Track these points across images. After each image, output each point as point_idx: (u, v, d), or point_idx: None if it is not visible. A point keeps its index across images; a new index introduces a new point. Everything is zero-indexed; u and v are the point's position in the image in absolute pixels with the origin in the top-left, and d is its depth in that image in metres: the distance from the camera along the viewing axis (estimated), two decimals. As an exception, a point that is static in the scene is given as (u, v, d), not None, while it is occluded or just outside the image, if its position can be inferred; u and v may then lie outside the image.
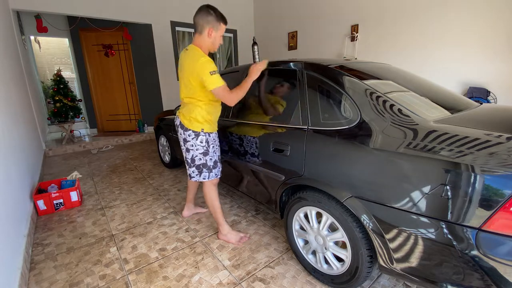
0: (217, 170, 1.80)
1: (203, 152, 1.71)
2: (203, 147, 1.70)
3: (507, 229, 0.81)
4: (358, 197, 1.14)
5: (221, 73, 2.38)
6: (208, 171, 1.75)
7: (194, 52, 1.59)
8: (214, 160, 1.76)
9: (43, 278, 1.53)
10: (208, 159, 1.73)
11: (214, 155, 1.76)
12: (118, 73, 5.34)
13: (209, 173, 1.75)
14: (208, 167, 1.74)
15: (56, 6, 3.97)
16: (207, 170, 1.74)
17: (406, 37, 3.68)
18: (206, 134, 1.70)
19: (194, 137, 1.68)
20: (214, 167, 1.77)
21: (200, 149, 1.70)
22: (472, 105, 1.51)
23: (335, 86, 1.36)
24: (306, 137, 1.39)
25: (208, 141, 1.71)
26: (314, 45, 5.00)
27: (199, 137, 1.68)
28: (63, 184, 2.57)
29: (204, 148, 1.70)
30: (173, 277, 1.51)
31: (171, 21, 5.14)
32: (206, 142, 1.70)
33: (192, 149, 1.71)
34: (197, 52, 1.57)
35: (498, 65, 2.97)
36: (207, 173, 1.75)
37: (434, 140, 0.99)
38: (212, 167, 1.75)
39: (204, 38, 1.61)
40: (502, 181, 0.82)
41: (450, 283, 0.95)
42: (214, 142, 1.76)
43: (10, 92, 2.50)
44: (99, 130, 5.54)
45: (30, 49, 5.48)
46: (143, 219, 2.16)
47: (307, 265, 1.50)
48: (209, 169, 1.75)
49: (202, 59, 1.52)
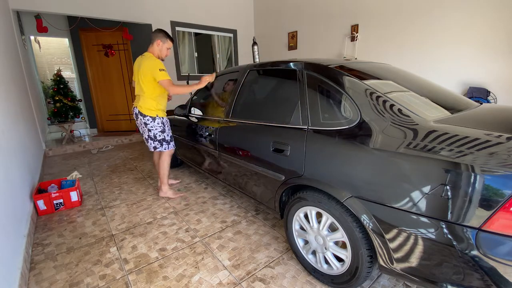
0: (172, 143, 2.47)
1: (161, 130, 2.35)
2: (160, 126, 2.34)
3: (507, 229, 0.81)
4: (358, 197, 1.14)
5: (221, 73, 2.38)
6: (166, 144, 2.40)
7: (148, 56, 2.22)
8: (170, 136, 2.43)
9: (43, 278, 1.53)
10: (166, 135, 2.39)
11: (169, 132, 2.42)
12: (118, 73, 5.33)
13: (167, 145, 2.41)
14: (166, 141, 2.40)
15: (56, 6, 3.97)
16: (166, 143, 2.40)
17: (406, 37, 3.68)
18: (161, 118, 2.34)
19: (152, 120, 2.30)
20: (170, 141, 2.43)
21: (158, 128, 2.33)
22: (472, 105, 1.51)
23: (335, 86, 1.36)
24: (306, 137, 1.39)
25: (163, 122, 2.36)
26: (314, 45, 5.01)
27: (155, 120, 2.31)
28: (63, 184, 2.57)
29: (161, 127, 2.35)
30: (173, 277, 1.51)
31: (171, 21, 5.14)
32: (162, 123, 2.35)
33: (153, 129, 2.32)
34: (150, 56, 2.23)
35: (498, 65, 2.97)
36: (166, 145, 2.40)
37: (434, 140, 0.99)
38: (169, 141, 2.42)
39: (154, 47, 2.27)
40: (502, 181, 0.82)
41: (450, 283, 0.95)
42: (167, 123, 2.41)
43: (10, 92, 2.50)
44: (99, 130, 5.54)
45: (30, 49, 5.48)
46: (143, 219, 2.16)
47: (307, 265, 1.50)
48: (167, 142, 2.41)
49: (154, 62, 2.17)
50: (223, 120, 2.11)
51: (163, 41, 2.26)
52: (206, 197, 2.53)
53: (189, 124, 2.64)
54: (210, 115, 2.37)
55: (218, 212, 2.25)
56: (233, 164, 1.99)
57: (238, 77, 2.08)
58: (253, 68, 1.98)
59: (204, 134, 2.33)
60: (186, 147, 2.73)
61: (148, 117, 2.28)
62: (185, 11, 5.22)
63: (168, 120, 2.44)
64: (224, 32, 6.01)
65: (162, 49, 2.28)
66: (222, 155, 2.10)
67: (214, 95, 2.45)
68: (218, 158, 2.16)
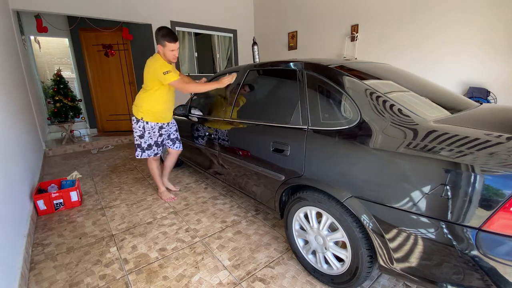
0: (150, 152, 2.29)
1: (139, 134, 2.22)
2: (140, 130, 2.20)
3: (507, 229, 0.81)
4: (358, 197, 1.14)
5: (221, 73, 2.38)
6: (141, 150, 2.26)
7: (155, 57, 2.07)
8: (148, 144, 2.26)
9: (43, 278, 1.53)
10: (142, 142, 2.24)
11: (148, 139, 2.24)
12: (118, 73, 5.33)
13: (141, 152, 2.27)
14: (141, 148, 2.26)
15: (56, 6, 3.97)
16: (140, 149, 2.26)
17: (406, 37, 3.67)
18: (144, 122, 2.18)
19: (135, 122, 2.19)
20: (147, 149, 2.27)
21: (138, 131, 2.21)
22: (472, 105, 1.51)
23: (335, 86, 1.36)
24: (306, 137, 1.39)
25: (144, 127, 2.19)
26: (314, 45, 5.00)
27: (138, 123, 2.19)
28: (63, 184, 2.57)
29: (140, 131, 2.21)
30: (173, 277, 1.51)
31: (171, 21, 5.13)
32: (142, 128, 2.20)
33: (134, 131, 2.23)
34: (155, 56, 2.07)
35: (498, 65, 2.97)
36: (140, 152, 2.27)
37: (434, 140, 0.99)
38: (145, 149, 2.26)
39: (159, 50, 2.09)
40: (502, 181, 0.82)
41: (450, 283, 0.95)
42: (151, 130, 2.22)
43: (10, 92, 2.50)
44: (99, 130, 5.54)
45: (30, 49, 5.48)
46: (143, 219, 2.16)
47: (307, 265, 1.50)
48: (142, 149, 2.26)
49: (156, 64, 2.02)
50: (223, 120, 2.10)
51: (163, 44, 2.02)
52: (206, 197, 2.53)
53: (189, 124, 2.64)
54: (210, 115, 2.37)
55: (218, 212, 2.25)
56: (233, 164, 1.99)
57: (238, 77, 2.08)
58: (253, 68, 1.98)
59: (204, 134, 2.33)
60: (186, 147, 2.73)
61: (133, 117, 2.20)
62: (185, 11, 5.22)
63: (157, 127, 2.24)
64: (224, 32, 6.00)
65: (165, 54, 2.06)
66: (222, 155, 2.10)
67: (214, 95, 2.45)
68: (218, 158, 2.16)
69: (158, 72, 1.99)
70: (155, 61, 2.04)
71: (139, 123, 2.18)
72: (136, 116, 2.18)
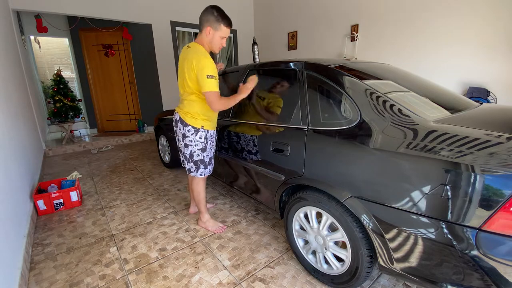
0: (211, 167, 1.90)
1: (201, 148, 1.77)
2: (201, 143, 1.76)
3: (507, 229, 0.81)
4: (358, 197, 1.14)
5: (221, 73, 2.38)
6: (204, 167, 1.84)
7: (196, 49, 1.62)
8: (210, 157, 1.86)
9: (43, 278, 1.52)
10: (205, 155, 1.81)
11: (210, 152, 1.85)
12: (118, 73, 5.33)
13: (205, 169, 1.84)
14: (204, 163, 1.82)
15: (56, 6, 3.97)
16: (204, 166, 1.83)
17: (406, 37, 3.67)
18: (205, 131, 1.76)
19: (194, 132, 1.73)
20: (209, 163, 1.86)
21: (199, 145, 1.76)
22: (472, 105, 1.51)
23: (335, 86, 1.36)
24: (306, 137, 1.39)
25: (206, 137, 1.78)
26: (314, 45, 5.00)
27: (198, 133, 1.73)
28: (63, 184, 2.57)
29: (203, 144, 1.77)
30: (173, 277, 1.51)
31: (171, 21, 5.13)
32: (205, 139, 1.77)
33: (191, 145, 1.76)
34: (200, 50, 1.61)
35: (498, 65, 2.97)
36: (203, 169, 1.84)
37: (434, 140, 0.99)
38: (207, 163, 1.84)
39: (203, 37, 1.65)
40: (502, 181, 0.82)
41: (450, 283, 0.95)
42: (212, 139, 1.83)
43: (10, 92, 2.50)
44: (99, 130, 5.54)
45: (30, 49, 5.48)
46: (143, 219, 2.16)
47: (307, 265, 1.50)
48: (205, 165, 1.83)
49: (204, 60, 1.55)
50: (223, 120, 2.10)
51: (215, 27, 1.60)
52: (206, 197, 2.52)
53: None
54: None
55: (218, 212, 2.25)
56: (233, 164, 1.99)
57: (238, 77, 2.08)
58: (253, 68, 1.98)
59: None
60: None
61: (190, 127, 1.71)
62: (185, 11, 5.22)
63: (215, 135, 1.88)
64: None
65: (213, 39, 1.64)
66: (222, 155, 2.09)
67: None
68: (218, 158, 2.16)
69: (203, 72, 1.54)
70: (204, 56, 1.57)
71: (200, 133, 1.73)
72: (193, 125, 1.71)
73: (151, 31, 4.93)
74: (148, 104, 5.41)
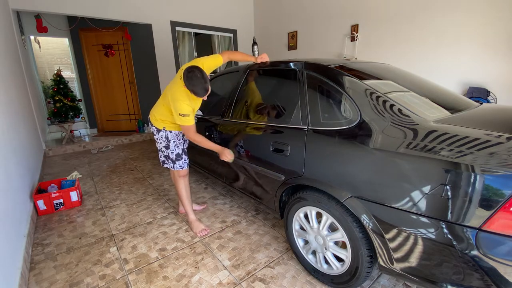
0: (181, 162, 1.97)
1: (165, 145, 1.96)
2: (164, 141, 1.94)
3: (507, 229, 0.81)
4: (358, 197, 1.14)
5: (221, 73, 2.38)
6: (172, 162, 1.97)
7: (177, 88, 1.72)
8: (176, 153, 1.96)
9: (43, 278, 1.52)
10: (170, 152, 1.96)
11: (175, 148, 1.95)
12: (118, 73, 5.33)
13: (173, 164, 1.96)
14: (171, 159, 1.96)
15: (56, 6, 3.97)
16: (171, 161, 1.97)
17: (406, 37, 3.67)
18: (166, 131, 1.91)
19: (157, 132, 1.94)
20: (177, 159, 1.96)
21: (162, 143, 1.95)
22: (472, 105, 1.51)
23: (335, 86, 1.36)
24: (306, 137, 1.39)
25: (167, 137, 1.92)
26: (314, 45, 5.00)
27: (159, 133, 1.92)
28: (63, 184, 2.57)
29: (164, 142, 1.94)
30: (173, 277, 1.51)
31: (171, 21, 5.13)
32: (166, 138, 1.93)
33: (158, 142, 1.98)
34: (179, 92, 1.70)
35: (498, 65, 2.97)
36: (171, 164, 1.97)
37: (434, 140, 0.99)
38: (175, 159, 1.96)
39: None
40: (502, 181, 0.82)
41: (450, 283, 0.95)
42: (176, 137, 1.95)
43: (10, 92, 2.50)
44: (99, 130, 5.54)
45: (30, 49, 5.48)
46: (143, 219, 2.16)
47: (307, 265, 1.50)
48: (172, 161, 1.96)
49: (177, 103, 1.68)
50: (222, 120, 2.10)
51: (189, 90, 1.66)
52: (206, 197, 2.53)
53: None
54: (210, 115, 2.37)
55: (218, 212, 2.25)
56: (233, 164, 1.99)
57: (238, 77, 2.08)
58: (253, 68, 1.98)
59: (203, 134, 2.33)
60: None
61: (153, 127, 1.94)
62: (185, 11, 5.22)
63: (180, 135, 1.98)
64: (224, 32, 6.00)
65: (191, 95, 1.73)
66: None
67: (213, 95, 2.45)
68: (218, 158, 2.16)
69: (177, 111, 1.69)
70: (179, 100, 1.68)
71: (161, 133, 1.91)
72: (156, 127, 1.91)
73: (151, 31, 4.93)
74: (148, 104, 5.39)
